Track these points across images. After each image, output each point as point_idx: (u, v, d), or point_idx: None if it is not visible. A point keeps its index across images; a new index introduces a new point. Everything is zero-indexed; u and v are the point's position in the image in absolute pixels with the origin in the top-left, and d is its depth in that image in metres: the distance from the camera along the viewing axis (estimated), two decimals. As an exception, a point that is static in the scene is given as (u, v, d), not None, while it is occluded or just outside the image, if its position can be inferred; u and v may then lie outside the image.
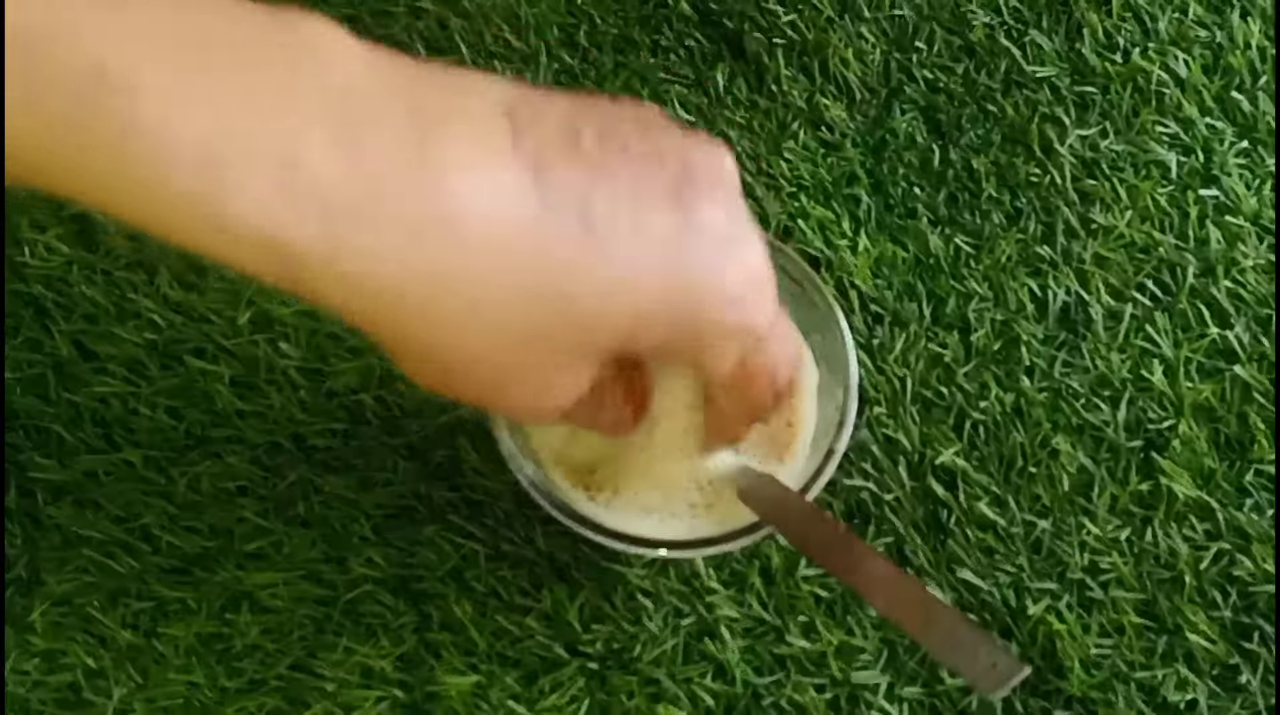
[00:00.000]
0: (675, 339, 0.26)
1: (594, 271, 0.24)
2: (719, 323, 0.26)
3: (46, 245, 0.43)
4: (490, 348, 0.24)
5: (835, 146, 0.45)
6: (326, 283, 0.22)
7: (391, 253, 0.22)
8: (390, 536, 0.40)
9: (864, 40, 0.46)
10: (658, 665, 0.39)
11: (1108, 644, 0.39)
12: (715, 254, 0.25)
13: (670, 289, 0.25)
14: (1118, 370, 0.42)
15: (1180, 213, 0.44)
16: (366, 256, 0.22)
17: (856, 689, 0.39)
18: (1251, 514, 0.40)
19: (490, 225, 0.23)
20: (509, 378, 0.25)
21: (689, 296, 0.25)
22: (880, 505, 0.40)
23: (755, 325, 0.27)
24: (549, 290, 0.23)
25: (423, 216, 0.22)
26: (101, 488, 0.41)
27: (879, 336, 0.42)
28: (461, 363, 0.24)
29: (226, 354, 0.42)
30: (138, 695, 0.39)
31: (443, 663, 0.39)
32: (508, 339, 0.24)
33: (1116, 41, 0.46)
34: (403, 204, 0.22)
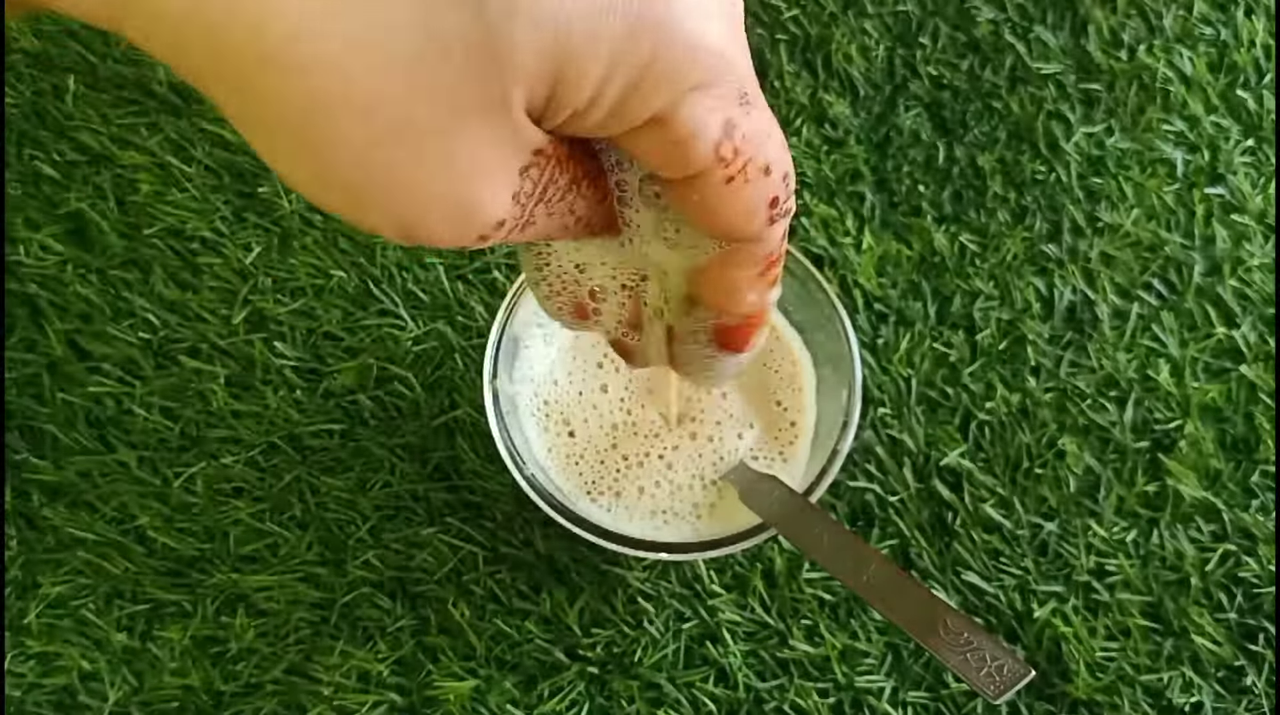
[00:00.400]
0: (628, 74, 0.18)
1: None
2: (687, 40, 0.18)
3: (41, 244, 0.43)
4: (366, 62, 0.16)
5: (839, 143, 0.45)
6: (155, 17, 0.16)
7: None
8: (387, 538, 0.40)
9: (868, 36, 0.46)
10: (659, 669, 0.38)
11: (1113, 646, 0.39)
12: None
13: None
14: (1124, 370, 0.42)
15: (1186, 211, 0.44)
16: None
17: (860, 693, 0.38)
18: (1258, 515, 0.40)
19: None
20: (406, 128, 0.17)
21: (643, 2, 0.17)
22: (885, 507, 0.40)
23: (737, 60, 0.19)
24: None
25: None
26: (96, 489, 0.40)
27: (883, 336, 0.42)
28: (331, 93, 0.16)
29: (221, 354, 0.42)
30: (133, 698, 0.38)
31: (440, 667, 0.38)
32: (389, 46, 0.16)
33: (1122, 38, 0.46)
34: None
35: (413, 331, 0.42)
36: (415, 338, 0.42)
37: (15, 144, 0.44)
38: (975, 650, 0.26)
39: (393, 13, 0.16)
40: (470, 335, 0.42)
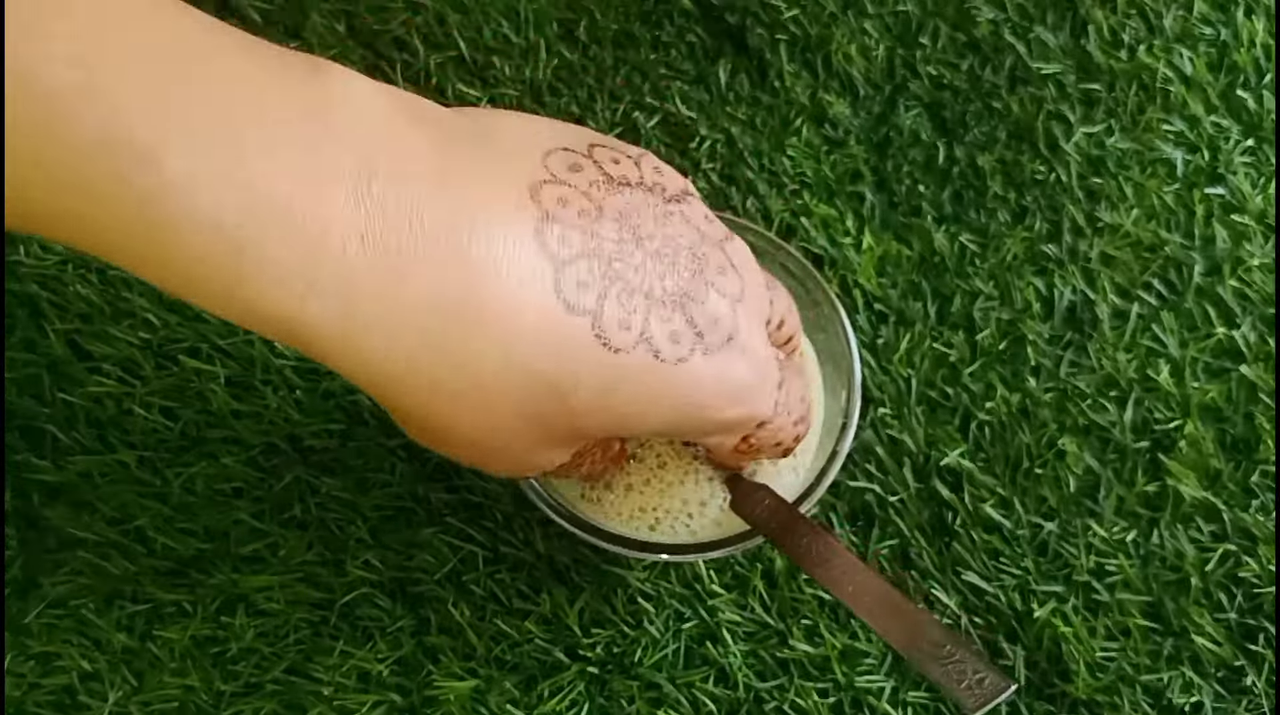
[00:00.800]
0: (672, 431, 0.27)
1: (598, 370, 0.24)
2: (721, 420, 0.27)
3: (41, 244, 0.43)
4: (486, 425, 0.25)
5: (839, 143, 0.45)
6: (340, 356, 0.23)
7: (409, 337, 0.23)
8: (387, 539, 0.40)
9: (868, 36, 0.46)
10: (659, 669, 0.38)
11: (1113, 647, 0.39)
12: (718, 355, 0.26)
13: (671, 389, 0.26)
14: (1124, 370, 0.42)
15: (1186, 211, 0.44)
16: (384, 339, 0.22)
17: (860, 694, 0.38)
18: (1258, 515, 0.40)
19: (506, 315, 0.23)
20: (499, 449, 0.26)
21: (689, 396, 0.26)
22: (885, 507, 0.40)
23: (758, 414, 0.28)
24: (551, 381, 0.24)
25: (442, 297, 0.22)
26: (96, 489, 0.40)
27: (883, 336, 0.42)
28: (458, 435, 0.25)
29: (222, 354, 0.42)
30: (133, 699, 0.38)
31: (441, 667, 0.38)
32: (505, 420, 0.25)
33: (1122, 38, 0.46)
34: (423, 283, 0.22)
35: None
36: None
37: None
38: (956, 663, 0.26)
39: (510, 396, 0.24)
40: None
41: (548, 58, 0.46)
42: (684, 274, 0.26)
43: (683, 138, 0.45)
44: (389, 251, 0.22)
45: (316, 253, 0.21)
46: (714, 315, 0.26)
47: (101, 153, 0.19)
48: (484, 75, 0.46)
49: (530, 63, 0.46)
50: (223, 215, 0.20)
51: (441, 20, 0.46)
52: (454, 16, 0.46)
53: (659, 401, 0.26)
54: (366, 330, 0.22)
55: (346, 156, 0.21)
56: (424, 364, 0.23)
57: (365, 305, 0.22)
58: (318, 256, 0.21)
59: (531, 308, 0.23)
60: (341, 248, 0.21)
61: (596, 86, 0.45)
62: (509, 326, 0.23)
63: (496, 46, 0.46)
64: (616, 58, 0.46)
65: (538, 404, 0.25)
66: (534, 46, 0.46)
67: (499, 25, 0.46)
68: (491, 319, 0.23)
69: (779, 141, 0.45)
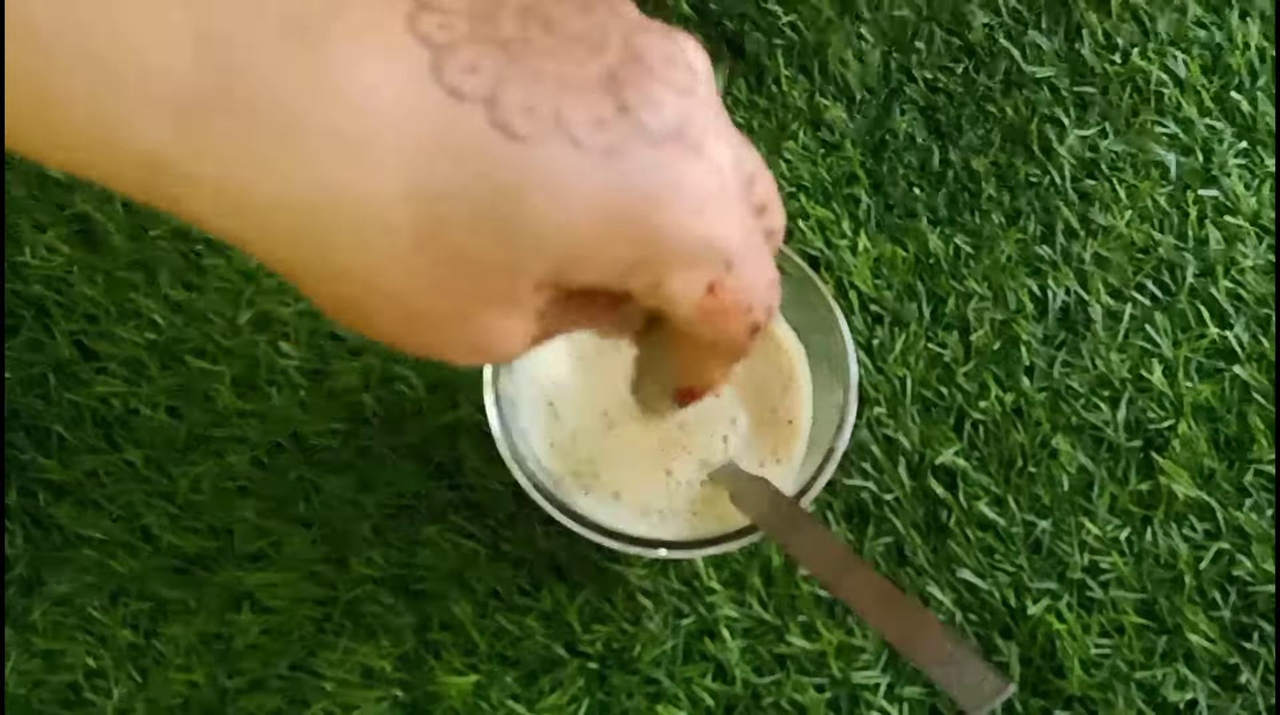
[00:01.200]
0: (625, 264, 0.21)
1: (508, 174, 0.19)
2: (678, 237, 0.21)
3: (47, 245, 0.43)
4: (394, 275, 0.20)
5: (835, 146, 0.45)
6: (192, 195, 0.19)
7: (258, 156, 0.18)
8: (390, 536, 0.40)
9: (864, 40, 0.46)
10: (657, 665, 0.39)
11: (1108, 644, 0.39)
12: (664, 148, 0.20)
13: (610, 196, 0.20)
14: (1117, 370, 0.42)
15: (1180, 213, 0.44)
16: (232, 165, 0.19)
17: (856, 689, 0.39)
18: (1251, 514, 0.40)
19: (375, 119, 0.19)
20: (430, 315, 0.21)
21: (636, 206, 0.20)
22: (880, 505, 0.41)
23: (724, 240, 0.22)
24: (455, 199, 0.19)
25: (294, 112, 0.18)
26: (102, 488, 0.41)
27: (879, 336, 0.43)
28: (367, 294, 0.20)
29: (227, 354, 0.42)
30: (138, 695, 0.39)
31: (443, 663, 0.39)
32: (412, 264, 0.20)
33: (1116, 42, 0.47)
34: (272, 97, 0.18)
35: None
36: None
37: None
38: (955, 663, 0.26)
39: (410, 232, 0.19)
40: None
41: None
42: (612, 58, 0.20)
43: (681, 141, 0.45)
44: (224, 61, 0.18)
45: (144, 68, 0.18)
46: (655, 100, 0.20)
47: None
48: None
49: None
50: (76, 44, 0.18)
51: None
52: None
53: (594, 209, 0.20)
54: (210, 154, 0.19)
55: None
56: (285, 192, 0.19)
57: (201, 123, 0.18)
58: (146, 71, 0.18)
59: (406, 103, 0.19)
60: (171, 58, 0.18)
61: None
62: (378, 131, 0.19)
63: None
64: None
65: (444, 233, 0.19)
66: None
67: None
68: (353, 126, 0.18)
69: (776, 145, 0.45)
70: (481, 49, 0.19)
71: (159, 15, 0.18)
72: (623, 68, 0.20)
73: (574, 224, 0.20)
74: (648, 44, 0.21)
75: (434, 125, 0.19)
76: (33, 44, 0.18)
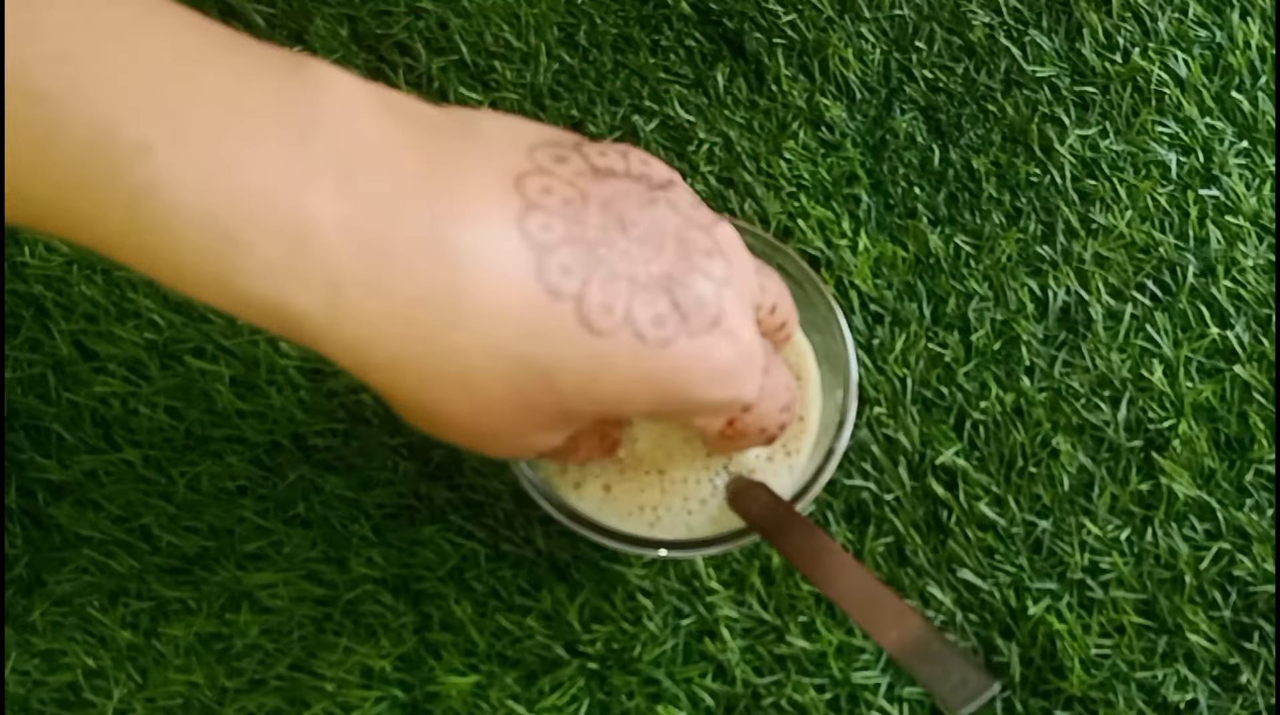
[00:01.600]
0: (659, 412, 0.27)
1: (583, 355, 0.25)
2: (703, 400, 0.27)
3: (46, 245, 0.43)
4: (476, 412, 0.25)
5: (835, 146, 0.45)
6: (328, 345, 0.23)
7: (393, 322, 0.23)
8: (390, 536, 0.40)
9: (864, 40, 0.46)
10: (657, 665, 0.39)
11: (1108, 644, 0.39)
12: (702, 338, 0.26)
13: (656, 372, 0.26)
14: (1118, 370, 0.42)
15: (1180, 212, 0.44)
16: (369, 324, 0.23)
17: (856, 689, 0.38)
18: (1251, 514, 0.40)
19: (489, 303, 0.23)
20: (491, 434, 0.27)
21: (675, 379, 0.26)
22: (880, 505, 0.40)
23: (743, 398, 0.28)
24: (537, 367, 0.24)
25: (425, 288, 0.23)
26: (101, 487, 0.41)
27: (879, 336, 0.42)
28: (448, 421, 0.26)
29: (226, 354, 0.42)
30: (138, 695, 0.39)
31: (442, 663, 0.39)
32: (494, 406, 0.25)
33: (1116, 41, 0.46)
34: (408, 278, 0.23)
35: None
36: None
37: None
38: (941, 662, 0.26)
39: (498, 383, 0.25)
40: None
41: (548, 62, 0.46)
42: (669, 258, 0.26)
43: (681, 141, 0.45)
44: (370, 242, 0.22)
45: (301, 245, 0.21)
46: (699, 298, 0.26)
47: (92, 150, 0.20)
48: (485, 79, 0.46)
49: (531, 67, 0.46)
50: (210, 209, 0.21)
51: (443, 25, 0.47)
52: (455, 21, 0.47)
53: (644, 384, 0.26)
54: (353, 320, 0.23)
55: (329, 150, 0.22)
56: (411, 353, 0.24)
57: (350, 296, 0.22)
58: (302, 248, 0.21)
59: (514, 295, 0.24)
60: (325, 240, 0.22)
61: (596, 90, 0.46)
62: (492, 314, 0.24)
63: (498, 51, 0.46)
64: (616, 62, 0.46)
65: (525, 390, 0.25)
66: (535, 51, 0.46)
67: (500, 30, 0.47)
68: (473, 308, 0.23)
69: (776, 144, 0.45)
70: (574, 251, 0.24)
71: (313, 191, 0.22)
72: (676, 266, 0.26)
73: (627, 391, 0.26)
74: (694, 242, 0.26)
75: (533, 315, 0.24)
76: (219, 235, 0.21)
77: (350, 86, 0.23)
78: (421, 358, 0.24)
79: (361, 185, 0.22)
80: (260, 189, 0.21)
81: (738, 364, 0.27)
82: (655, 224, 0.26)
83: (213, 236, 0.21)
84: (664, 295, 0.25)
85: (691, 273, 0.26)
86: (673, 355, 0.26)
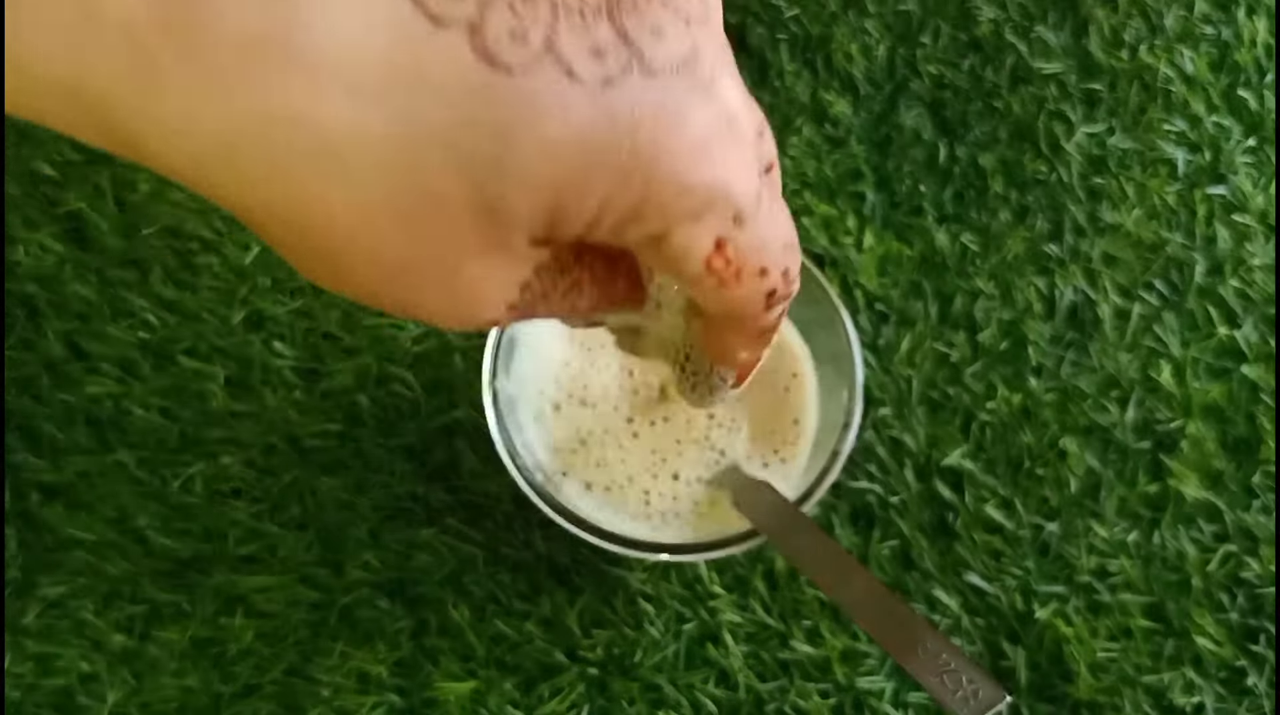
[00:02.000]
0: (622, 208, 0.19)
1: (492, 108, 0.17)
2: (680, 180, 0.19)
3: (39, 244, 0.43)
4: (364, 222, 0.18)
5: (840, 142, 0.45)
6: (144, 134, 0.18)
7: (218, 89, 0.17)
8: (387, 539, 0.40)
9: (869, 35, 0.46)
10: (659, 671, 0.38)
11: (1115, 647, 0.39)
12: (667, 81, 0.18)
13: (606, 132, 0.18)
14: (1126, 370, 0.41)
15: (1188, 211, 0.44)
16: (187, 96, 0.17)
17: (861, 695, 0.38)
18: (1259, 516, 0.40)
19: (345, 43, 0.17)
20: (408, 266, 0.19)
21: (634, 142, 0.18)
22: (886, 507, 0.40)
23: (731, 189, 0.20)
24: (431, 135, 0.17)
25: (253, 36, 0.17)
26: (94, 489, 0.40)
27: (884, 336, 0.42)
28: (335, 243, 0.19)
29: (220, 353, 0.42)
30: (132, 699, 0.38)
31: (440, 668, 0.38)
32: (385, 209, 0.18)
33: (1123, 38, 0.46)
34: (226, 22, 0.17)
35: (412, 331, 0.42)
36: (414, 338, 0.42)
37: (14, 143, 0.44)
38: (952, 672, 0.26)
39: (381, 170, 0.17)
40: (469, 335, 0.42)
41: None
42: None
43: (683, 137, 0.45)
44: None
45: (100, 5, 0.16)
46: (657, 26, 0.18)
47: None
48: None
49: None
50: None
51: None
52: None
53: (585, 145, 0.18)
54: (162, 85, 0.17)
55: None
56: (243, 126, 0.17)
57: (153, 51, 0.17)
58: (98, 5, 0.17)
59: (380, 28, 0.17)
60: None
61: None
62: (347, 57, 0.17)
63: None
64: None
65: (419, 174, 0.18)
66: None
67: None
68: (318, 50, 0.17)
69: (780, 141, 0.44)
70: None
71: None
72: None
73: (565, 163, 0.18)
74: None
75: (409, 54, 0.17)
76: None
77: None
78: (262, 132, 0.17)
79: None
80: None
81: (721, 131, 0.19)
82: None
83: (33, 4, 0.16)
84: (603, 19, 0.18)
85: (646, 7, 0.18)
86: (620, 99, 0.18)
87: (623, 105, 0.18)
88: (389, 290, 0.20)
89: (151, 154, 0.18)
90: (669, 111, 0.18)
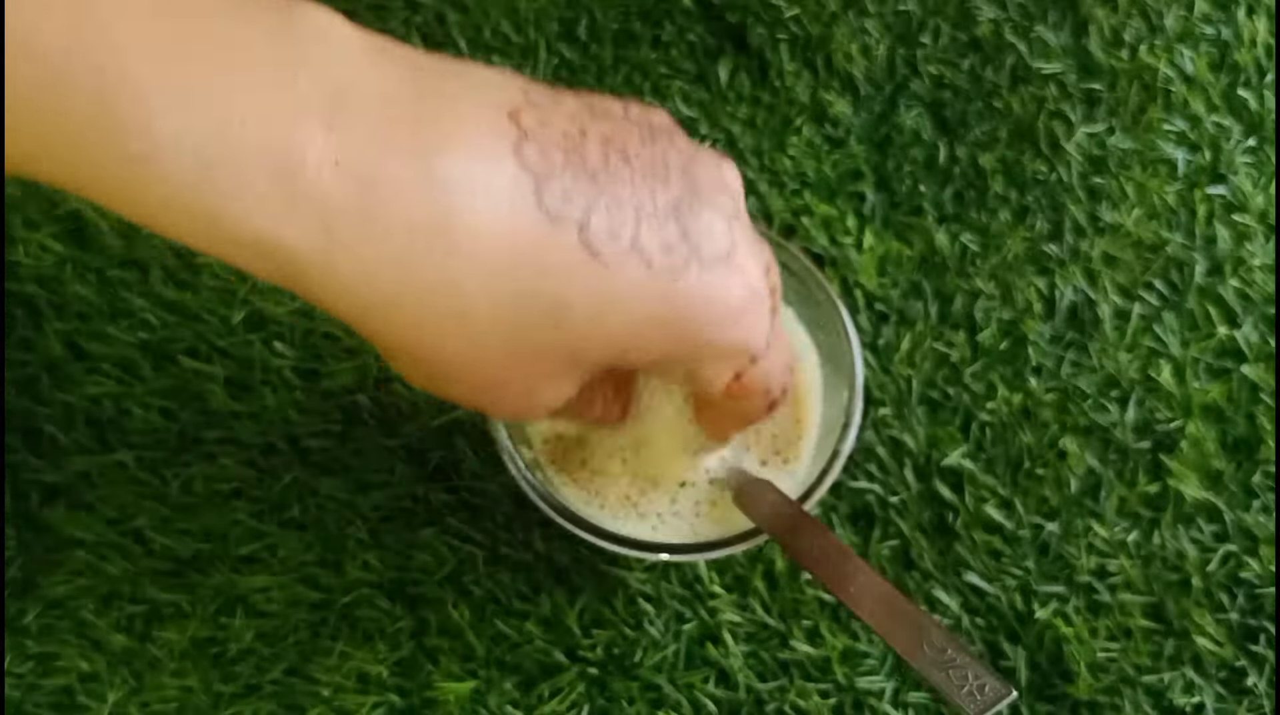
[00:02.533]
0: (670, 356, 0.26)
1: (589, 286, 0.23)
2: (716, 342, 0.26)
3: (40, 244, 0.43)
4: (478, 356, 0.24)
5: (839, 142, 0.45)
6: (322, 288, 0.23)
7: (389, 261, 0.22)
8: (387, 539, 0.40)
9: (868, 35, 0.46)
10: (659, 670, 0.38)
11: (1115, 647, 0.39)
12: (715, 271, 0.25)
13: (667, 307, 0.25)
14: (1125, 370, 0.42)
15: (1188, 210, 0.44)
16: (364, 263, 0.22)
17: (861, 694, 0.38)
18: (1259, 516, 0.40)
19: (486, 234, 0.22)
20: (497, 384, 0.25)
21: (686, 315, 0.25)
22: (886, 507, 0.40)
23: (752, 343, 0.27)
24: (541, 303, 0.23)
25: (420, 224, 0.22)
26: (94, 489, 0.40)
27: (884, 336, 0.42)
28: (450, 368, 0.25)
29: (220, 354, 0.42)
30: (132, 699, 0.38)
31: (440, 668, 0.38)
32: (497, 349, 0.24)
33: (1123, 37, 0.46)
34: (401, 211, 0.22)
35: (412, 331, 0.42)
36: (415, 338, 0.42)
37: (13, 143, 0.44)
38: (957, 668, 0.26)
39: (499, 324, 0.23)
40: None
41: (548, 56, 0.46)
42: (675, 190, 0.25)
43: (683, 137, 0.45)
44: (360, 174, 0.21)
45: (290, 178, 0.21)
46: (709, 229, 0.25)
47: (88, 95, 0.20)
48: (483, 74, 0.45)
49: (530, 61, 0.46)
50: (199, 141, 0.20)
51: (441, 19, 0.46)
52: (453, 15, 0.46)
53: (653, 318, 0.25)
54: (345, 253, 0.22)
55: (318, 85, 0.22)
56: (404, 290, 0.23)
57: (342, 231, 0.22)
58: (292, 181, 0.21)
59: (512, 223, 0.23)
60: (316, 173, 0.21)
61: (597, 85, 0.45)
62: (488, 244, 0.22)
63: (496, 45, 0.46)
64: (617, 56, 0.46)
65: (528, 328, 0.24)
66: (534, 45, 0.46)
67: (499, 24, 0.46)
68: (468, 238, 0.22)
69: (780, 140, 0.45)
70: (575, 177, 0.23)
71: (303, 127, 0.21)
72: (683, 198, 0.25)
73: (638, 329, 0.25)
74: (701, 176, 0.26)
75: (532, 242, 0.23)
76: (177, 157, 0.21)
77: (341, 26, 0.23)
78: (418, 295, 0.23)
79: (350, 118, 0.22)
80: (250, 122, 0.21)
81: (750, 303, 0.26)
82: (659, 157, 0.25)
83: (200, 165, 0.21)
84: (672, 222, 0.24)
85: (700, 204, 0.25)
86: (684, 288, 0.25)
87: (683, 293, 0.25)
88: (473, 397, 0.26)
89: (321, 300, 0.23)
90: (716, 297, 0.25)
